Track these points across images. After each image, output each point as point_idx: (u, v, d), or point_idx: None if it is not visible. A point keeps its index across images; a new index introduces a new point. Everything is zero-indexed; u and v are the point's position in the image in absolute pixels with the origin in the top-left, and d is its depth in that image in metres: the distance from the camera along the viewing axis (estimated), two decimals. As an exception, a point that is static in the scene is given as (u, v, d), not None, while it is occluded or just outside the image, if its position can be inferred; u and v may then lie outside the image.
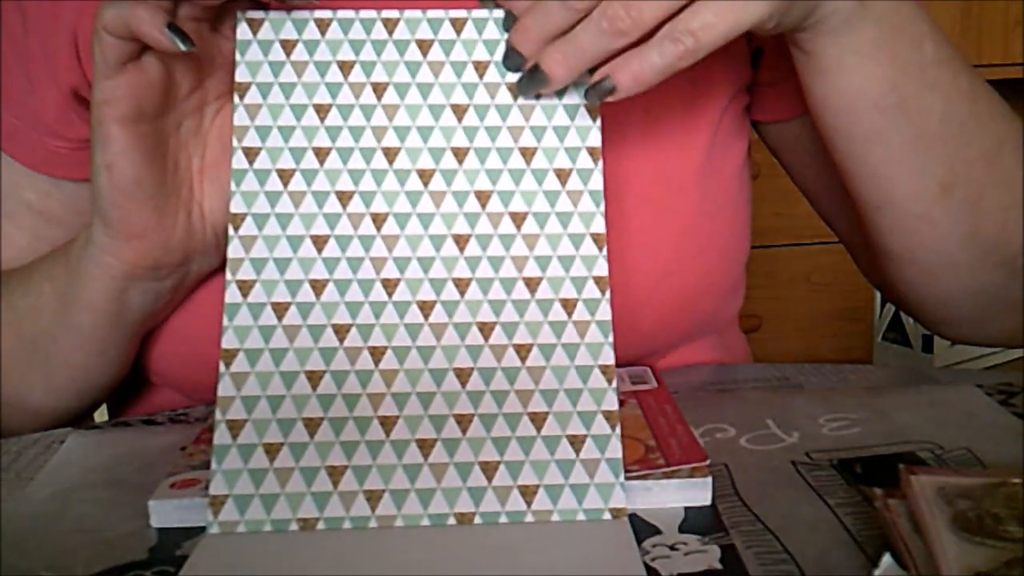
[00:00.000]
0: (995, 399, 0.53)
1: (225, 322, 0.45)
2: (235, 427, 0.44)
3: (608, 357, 0.46)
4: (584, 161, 0.47)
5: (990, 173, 0.54)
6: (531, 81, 0.47)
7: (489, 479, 0.43)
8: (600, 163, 0.48)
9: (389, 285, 0.46)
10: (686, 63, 0.44)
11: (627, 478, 0.43)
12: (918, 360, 1.76)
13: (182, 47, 0.44)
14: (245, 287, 0.46)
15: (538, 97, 0.48)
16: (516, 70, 0.48)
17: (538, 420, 0.44)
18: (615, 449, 0.44)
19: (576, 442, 0.44)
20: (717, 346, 0.66)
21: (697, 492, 0.43)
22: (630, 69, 0.44)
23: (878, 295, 1.82)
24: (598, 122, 0.48)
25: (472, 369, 0.45)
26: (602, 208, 0.47)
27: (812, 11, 0.47)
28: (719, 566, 0.39)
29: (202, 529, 0.42)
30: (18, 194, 0.61)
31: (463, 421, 0.44)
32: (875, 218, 0.56)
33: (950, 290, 0.58)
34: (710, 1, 0.43)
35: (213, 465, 0.43)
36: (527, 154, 0.47)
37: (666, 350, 0.62)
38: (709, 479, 0.44)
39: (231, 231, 0.46)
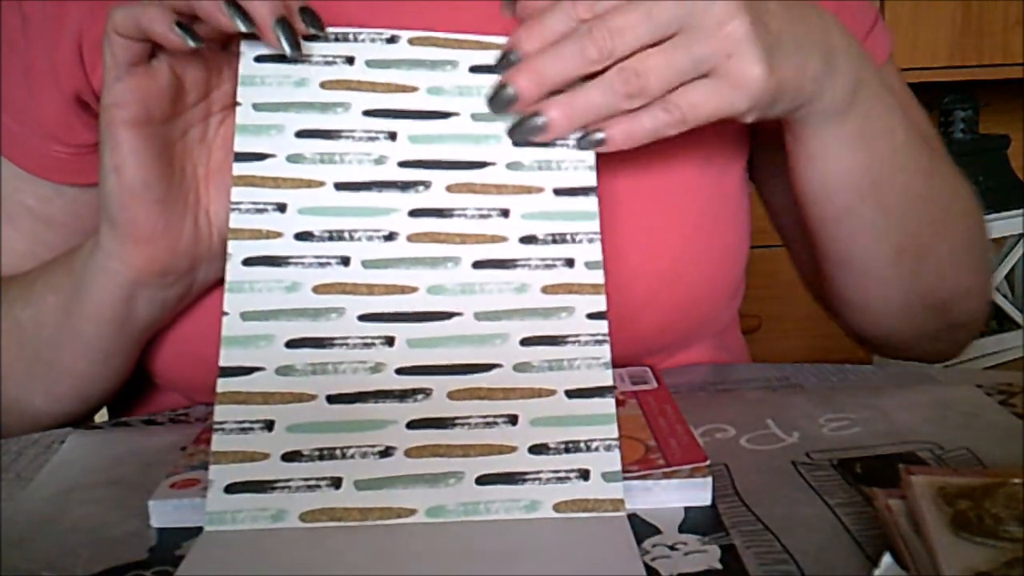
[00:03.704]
0: (995, 399, 0.53)
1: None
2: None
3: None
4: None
5: (936, 236, 0.60)
6: (525, 127, 0.48)
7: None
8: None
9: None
10: (672, 132, 0.48)
11: (627, 478, 0.43)
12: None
13: (191, 44, 0.46)
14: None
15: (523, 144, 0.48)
16: (503, 108, 0.48)
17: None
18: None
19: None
20: (716, 348, 0.66)
21: (697, 492, 0.43)
22: (622, 127, 0.47)
23: (878, 295, 1.82)
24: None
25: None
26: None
27: (802, 105, 0.51)
28: (719, 566, 0.39)
29: (201, 529, 0.42)
30: (18, 198, 0.61)
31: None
32: (834, 271, 0.62)
33: (891, 328, 0.65)
34: (704, 82, 0.47)
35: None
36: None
37: (664, 352, 0.62)
38: (709, 479, 0.44)
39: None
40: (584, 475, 0.43)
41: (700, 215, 0.59)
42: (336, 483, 0.43)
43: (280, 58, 0.48)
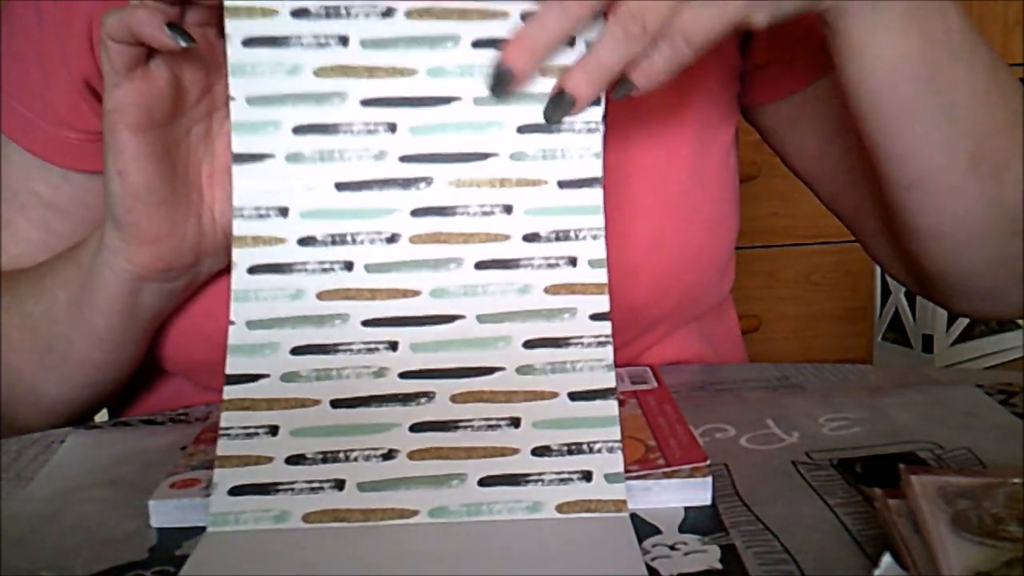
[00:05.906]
0: (995, 399, 0.53)
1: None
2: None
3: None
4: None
5: (1012, 143, 0.55)
6: (558, 105, 0.47)
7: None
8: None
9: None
10: (687, 61, 0.46)
11: (627, 478, 0.43)
12: (918, 360, 1.76)
13: (182, 44, 0.46)
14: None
15: (560, 123, 0.47)
16: (503, 90, 0.47)
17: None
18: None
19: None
20: (709, 335, 0.67)
21: (697, 492, 0.43)
22: (643, 70, 0.46)
23: (878, 295, 1.82)
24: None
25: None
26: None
27: None
28: (719, 566, 0.39)
29: (202, 529, 0.42)
30: (29, 186, 0.61)
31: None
32: (905, 197, 0.56)
33: (973, 262, 0.59)
34: (692, 4, 0.45)
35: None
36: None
37: (659, 327, 0.63)
38: (709, 479, 0.44)
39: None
40: (587, 476, 0.43)
41: (682, 184, 0.60)
42: (339, 485, 0.43)
43: (270, 41, 0.46)
